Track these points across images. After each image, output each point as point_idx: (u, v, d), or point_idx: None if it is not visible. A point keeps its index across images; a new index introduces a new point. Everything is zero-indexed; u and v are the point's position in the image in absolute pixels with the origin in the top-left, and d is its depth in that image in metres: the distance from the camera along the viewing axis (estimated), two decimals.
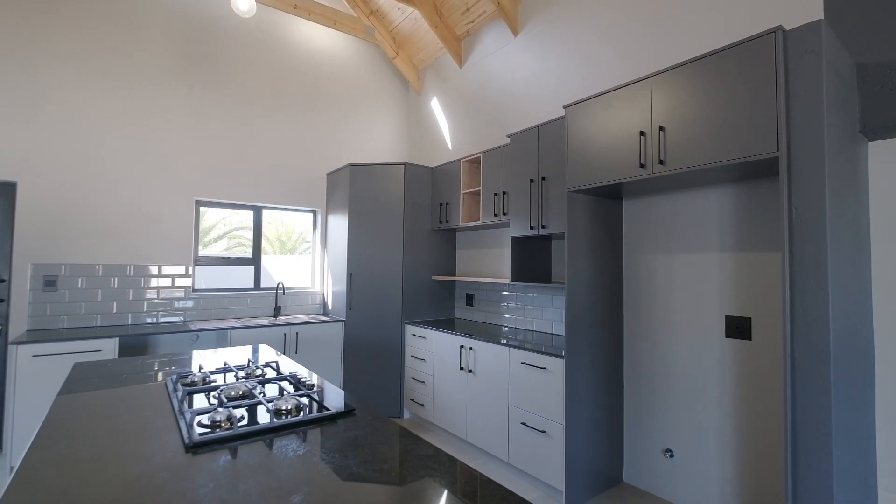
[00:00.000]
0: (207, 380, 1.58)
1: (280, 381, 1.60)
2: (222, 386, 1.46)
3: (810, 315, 1.43)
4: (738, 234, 2.09)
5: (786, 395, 1.45)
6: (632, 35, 2.63)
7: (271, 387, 1.57)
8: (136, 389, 1.51)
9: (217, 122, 3.67)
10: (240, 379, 1.60)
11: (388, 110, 4.70)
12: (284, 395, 1.35)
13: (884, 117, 1.68)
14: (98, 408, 1.31)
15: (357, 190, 3.77)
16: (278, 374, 1.67)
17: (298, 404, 1.28)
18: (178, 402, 1.34)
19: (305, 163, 4.15)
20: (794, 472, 1.44)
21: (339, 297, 3.88)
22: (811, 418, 1.42)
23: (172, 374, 1.64)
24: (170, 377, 1.60)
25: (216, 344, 3.25)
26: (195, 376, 1.58)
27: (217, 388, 1.46)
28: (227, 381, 1.62)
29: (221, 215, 3.89)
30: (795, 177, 1.47)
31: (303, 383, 1.54)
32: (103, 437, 1.08)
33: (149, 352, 3.11)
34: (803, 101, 1.46)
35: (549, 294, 3.07)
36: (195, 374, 1.61)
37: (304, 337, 3.57)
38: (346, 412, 1.29)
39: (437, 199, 3.78)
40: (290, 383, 1.59)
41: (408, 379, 3.60)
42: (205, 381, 1.56)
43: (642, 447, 2.46)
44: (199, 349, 3.15)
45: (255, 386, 1.43)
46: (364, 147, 4.50)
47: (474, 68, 3.89)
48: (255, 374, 1.68)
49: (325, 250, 4.23)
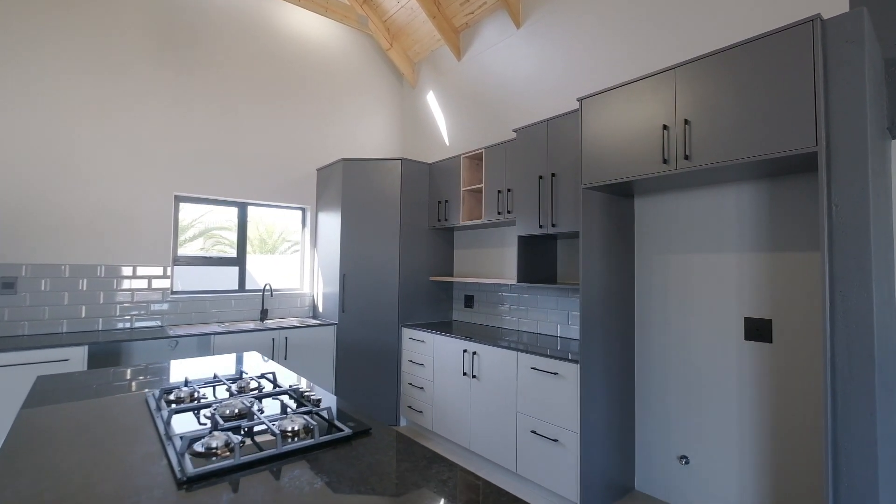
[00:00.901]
0: (196, 395, 1.42)
1: (279, 396, 1.46)
2: (214, 403, 1.32)
3: (851, 317, 1.39)
4: (758, 234, 2.06)
5: (826, 400, 1.41)
6: (644, 27, 2.59)
7: (270, 402, 1.43)
8: (111, 408, 1.34)
9: (199, 112, 3.48)
10: (234, 394, 1.45)
11: (381, 104, 4.57)
12: (288, 414, 1.22)
13: None
14: (66, 432, 1.14)
15: (351, 186, 3.64)
16: (277, 388, 1.54)
17: (306, 424, 1.15)
18: (163, 423, 1.18)
19: (294, 157, 3.99)
20: (835, 480, 1.40)
21: (330, 299, 3.74)
22: (854, 424, 1.37)
23: (154, 389, 1.48)
24: (151, 392, 1.44)
25: (198, 351, 3.06)
26: (181, 391, 1.43)
27: (208, 405, 1.31)
28: (219, 397, 1.47)
29: (198, 212, 3.68)
30: (835, 173, 1.43)
31: (306, 398, 1.40)
32: (74, 472, 0.92)
33: (122, 361, 2.89)
34: (845, 93, 1.42)
35: (554, 295, 3.00)
36: (181, 388, 1.46)
37: (294, 342, 3.42)
38: (361, 432, 1.17)
39: (436, 197, 3.68)
40: (290, 398, 1.45)
41: (405, 385, 3.49)
42: (193, 397, 1.41)
43: (655, 454, 2.41)
44: (180, 357, 2.95)
45: (253, 402, 1.29)
46: (355, 142, 4.36)
47: (473, 62, 3.81)
48: (249, 387, 1.54)
49: (314, 250, 4.08)
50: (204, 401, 1.36)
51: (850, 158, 1.40)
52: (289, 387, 1.49)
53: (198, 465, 0.96)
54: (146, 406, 1.36)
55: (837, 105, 1.43)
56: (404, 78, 4.67)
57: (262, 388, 1.52)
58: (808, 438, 1.89)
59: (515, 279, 3.13)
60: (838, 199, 1.42)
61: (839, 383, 1.41)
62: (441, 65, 4.18)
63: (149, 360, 2.98)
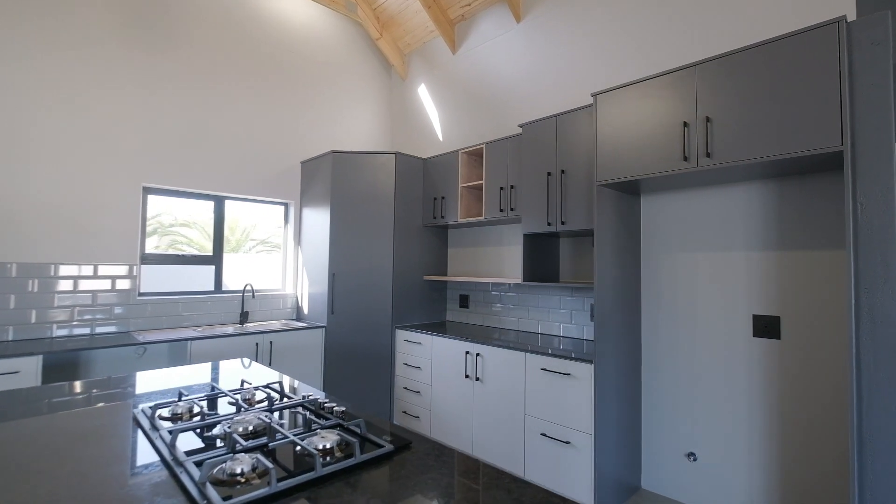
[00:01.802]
0: (195, 411, 1.30)
1: (295, 409, 1.36)
2: (222, 419, 1.20)
3: (877, 314, 1.46)
4: (766, 232, 2.14)
5: (851, 396, 1.47)
6: (653, 22, 2.65)
7: (285, 416, 1.33)
8: (92, 428, 1.18)
9: (172, 97, 3.27)
10: (243, 408, 1.32)
11: (369, 96, 4.49)
12: (317, 430, 1.12)
13: None
14: (40, 462, 0.96)
15: (341, 180, 3.55)
16: (288, 398, 1.44)
17: (341, 441, 1.06)
18: (166, 446, 1.05)
19: (276, 148, 3.85)
20: (860, 474, 1.46)
21: (317, 300, 3.64)
22: (879, 418, 1.44)
23: (143, 404, 1.32)
24: (141, 409, 1.29)
25: (169, 359, 2.86)
26: (178, 406, 1.29)
27: (215, 422, 1.19)
28: (224, 412, 1.35)
29: (160, 208, 3.41)
30: (860, 172, 1.50)
31: (326, 409, 1.32)
32: None
33: (83, 372, 2.66)
34: (870, 94, 1.49)
35: (557, 294, 3.03)
36: (178, 402, 1.32)
37: (279, 346, 3.30)
38: (402, 447, 1.10)
39: (431, 193, 3.64)
40: (307, 410, 1.35)
41: (399, 389, 3.43)
42: (192, 413, 1.28)
43: (662, 451, 2.46)
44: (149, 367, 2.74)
45: (270, 417, 1.18)
46: (341, 134, 4.26)
47: (470, 55, 3.80)
48: (255, 399, 1.43)
49: (298, 248, 3.96)
50: (211, 417, 1.23)
51: (876, 158, 1.47)
52: (303, 397, 1.40)
53: (225, 495, 0.84)
54: (136, 425, 1.22)
55: (863, 105, 1.50)
56: (393, 69, 4.60)
57: (274, 400, 1.40)
58: (817, 434, 1.98)
59: (515, 278, 3.15)
60: (863, 197, 1.49)
61: (864, 378, 1.47)
62: (434, 58, 4.15)
63: (113, 370, 2.76)
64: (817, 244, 1.99)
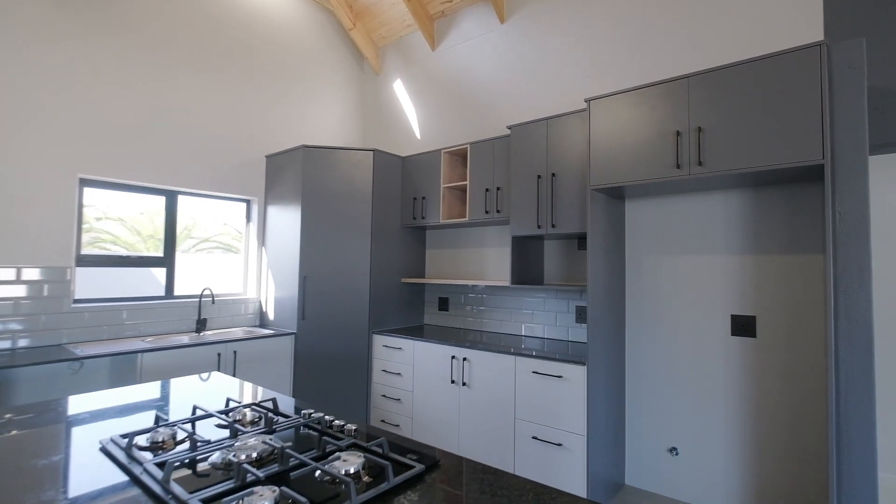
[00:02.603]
0: (181, 437, 1.19)
1: (300, 429, 1.27)
2: (220, 447, 1.08)
3: (853, 312, 1.65)
4: (743, 238, 2.35)
5: (830, 387, 1.65)
6: (640, 30, 2.81)
7: (290, 437, 1.25)
8: (48, 466, 1.03)
9: (117, 78, 3.00)
10: (240, 432, 1.19)
11: (339, 89, 4.41)
12: (339, 455, 1.04)
13: (873, 136, 2.02)
14: None
15: (313, 177, 3.47)
16: (285, 417, 1.35)
17: (365, 463, 1.02)
18: (158, 483, 0.93)
19: (238, 140, 3.69)
20: (838, 460, 1.65)
21: (285, 305, 3.53)
22: (855, 407, 1.63)
23: (114, 435, 1.18)
24: (111, 440, 1.14)
25: (114, 375, 2.53)
26: (159, 433, 1.15)
27: (212, 450, 1.07)
28: (214, 437, 1.21)
29: (94, 202, 3.08)
30: (839, 183, 1.69)
31: (335, 427, 1.27)
32: None
33: (2, 394, 2.19)
34: (847, 112, 1.68)
35: (541, 297, 3.13)
36: (158, 429, 1.17)
37: (245, 356, 3.17)
38: (431, 465, 1.07)
39: (410, 193, 3.64)
40: (312, 429, 1.28)
41: (376, 397, 3.41)
42: (177, 441, 1.17)
43: (645, 448, 2.63)
44: (90, 387, 2.38)
45: (273, 440, 1.10)
46: (308, 128, 4.16)
47: (450, 53, 3.84)
48: (247, 419, 1.34)
49: (262, 248, 3.82)
50: (204, 445, 1.11)
51: (852, 171, 1.67)
52: (303, 415, 1.33)
53: None
54: (108, 459, 1.08)
55: (841, 123, 1.70)
56: (366, 62, 4.55)
57: (271, 421, 1.28)
58: (791, 426, 2.19)
59: (500, 280, 3.22)
60: (841, 207, 1.68)
61: (842, 371, 1.66)
62: (412, 53, 4.15)
63: (43, 391, 2.32)
64: (790, 249, 2.21)
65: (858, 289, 1.64)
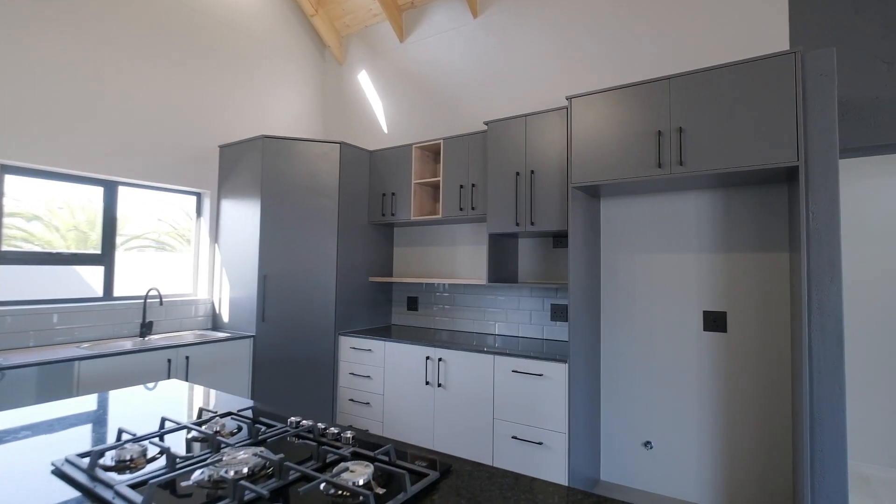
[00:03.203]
0: (153, 454, 1.06)
1: (291, 439, 1.19)
2: (204, 462, 0.97)
3: (825, 306, 1.76)
4: (714, 237, 2.46)
5: (804, 375, 1.75)
6: (615, 28, 2.87)
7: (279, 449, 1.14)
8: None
9: (44, 50, 2.68)
10: (223, 445, 1.08)
11: (299, 78, 4.21)
12: (347, 466, 0.94)
13: None
14: None
15: (274, 170, 3.28)
16: (269, 426, 1.24)
17: (375, 473, 0.96)
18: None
19: (187, 128, 3.41)
20: (812, 443, 1.74)
21: (242, 306, 3.31)
22: (827, 393, 1.73)
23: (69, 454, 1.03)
24: (66, 460, 1.00)
25: (42, 387, 2.22)
26: (126, 451, 1.02)
27: (194, 466, 0.96)
28: (192, 451, 1.11)
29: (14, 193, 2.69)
30: (812, 184, 1.79)
31: (330, 435, 1.19)
32: None
33: None
34: (819, 117, 1.79)
35: (515, 295, 3.13)
36: (125, 446, 1.04)
37: (198, 361, 2.93)
38: (445, 472, 1.01)
39: (378, 189, 3.53)
40: (304, 438, 1.19)
41: (343, 402, 3.27)
42: (147, 458, 1.04)
43: (621, 442, 2.69)
44: (16, 401, 2.09)
45: (266, 452, 1.00)
46: (266, 118, 3.93)
47: (420, 46, 3.76)
48: (226, 430, 1.22)
49: (215, 245, 3.56)
50: (184, 462, 1.00)
51: (824, 173, 1.77)
52: (290, 423, 1.23)
53: None
54: (66, 482, 0.94)
55: (814, 127, 1.80)
56: (328, 51, 4.37)
57: (256, 431, 1.17)
58: (758, 416, 2.31)
59: (473, 278, 3.18)
60: (814, 207, 1.79)
61: (815, 361, 1.77)
62: (379, 44, 4.03)
63: None
64: (758, 247, 2.34)
65: (830, 284, 1.75)
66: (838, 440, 1.71)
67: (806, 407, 1.74)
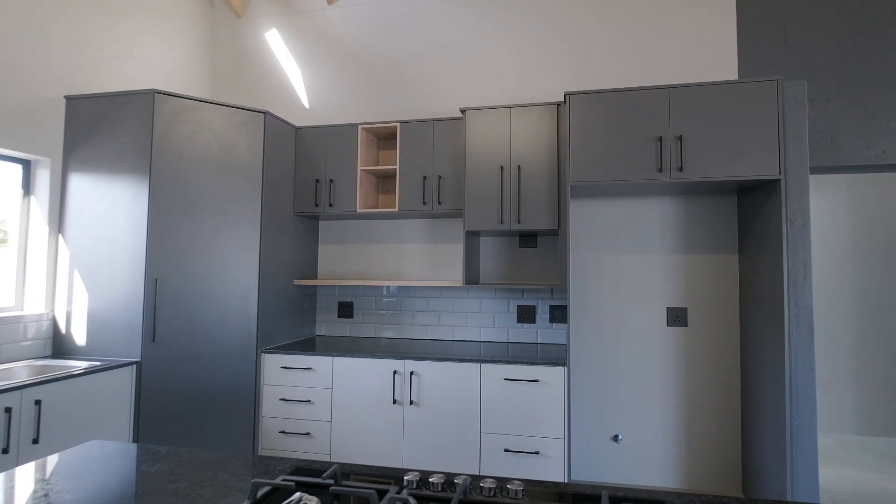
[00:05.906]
0: None
1: None
2: None
3: (799, 302, 2.09)
4: (676, 239, 2.74)
5: (785, 360, 2.06)
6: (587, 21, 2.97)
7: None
8: None
9: None
10: None
11: (179, 26, 3.31)
12: None
13: None
14: None
15: (171, 138, 2.52)
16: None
17: None
18: None
19: (10, 68, 2.38)
20: (791, 415, 2.05)
21: (112, 322, 2.46)
22: (802, 375, 2.06)
23: None
24: None
25: None
26: None
27: None
28: None
29: None
30: (790, 196, 2.12)
31: (431, 485, 0.94)
32: None
33: None
34: (794, 138, 2.12)
35: (476, 297, 2.99)
36: None
37: (53, 407, 2.05)
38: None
39: (310, 174, 2.99)
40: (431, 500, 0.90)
41: (269, 436, 2.67)
42: None
43: (590, 437, 2.79)
44: None
45: None
46: (129, 68, 2.99)
47: (358, 10, 3.31)
48: None
49: (59, 236, 2.57)
50: None
51: (798, 187, 2.11)
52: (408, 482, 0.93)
53: None
54: None
55: (791, 146, 2.13)
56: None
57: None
58: (718, 405, 2.65)
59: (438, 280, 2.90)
60: (791, 215, 2.11)
61: (792, 348, 2.09)
62: (297, 1, 3.42)
63: None
64: (714, 249, 2.69)
65: (803, 281, 2.10)
66: (810, 413, 2.06)
67: (787, 385, 2.04)
